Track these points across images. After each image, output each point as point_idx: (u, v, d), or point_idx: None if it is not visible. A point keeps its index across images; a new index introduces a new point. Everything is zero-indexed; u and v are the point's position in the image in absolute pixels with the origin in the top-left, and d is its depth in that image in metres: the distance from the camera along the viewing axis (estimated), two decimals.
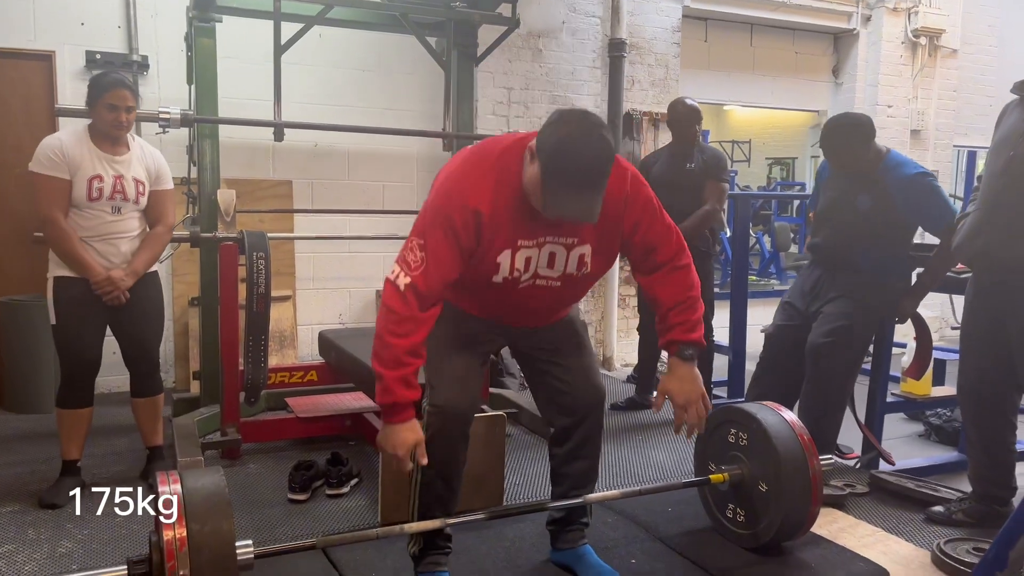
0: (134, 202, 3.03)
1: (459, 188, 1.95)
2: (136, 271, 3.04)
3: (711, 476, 2.56)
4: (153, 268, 3.20)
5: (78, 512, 2.87)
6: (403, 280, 1.91)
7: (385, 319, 1.93)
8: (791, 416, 2.55)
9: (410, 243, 1.95)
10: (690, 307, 2.12)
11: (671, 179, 4.10)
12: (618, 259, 3.21)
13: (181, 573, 1.71)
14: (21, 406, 4.20)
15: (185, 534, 1.75)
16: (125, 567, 1.83)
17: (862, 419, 3.50)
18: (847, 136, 3.10)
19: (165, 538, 1.74)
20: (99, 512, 2.87)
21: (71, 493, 2.98)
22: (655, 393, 2.22)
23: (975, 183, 2.97)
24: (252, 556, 1.89)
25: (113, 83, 2.99)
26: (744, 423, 2.55)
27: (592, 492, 2.40)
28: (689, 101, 4.29)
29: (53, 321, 3.00)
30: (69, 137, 2.99)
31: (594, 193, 1.86)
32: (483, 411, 3.04)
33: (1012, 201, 2.60)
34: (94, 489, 3.08)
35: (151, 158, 3.14)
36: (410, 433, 1.97)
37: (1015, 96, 2.72)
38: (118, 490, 3.06)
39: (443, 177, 2.05)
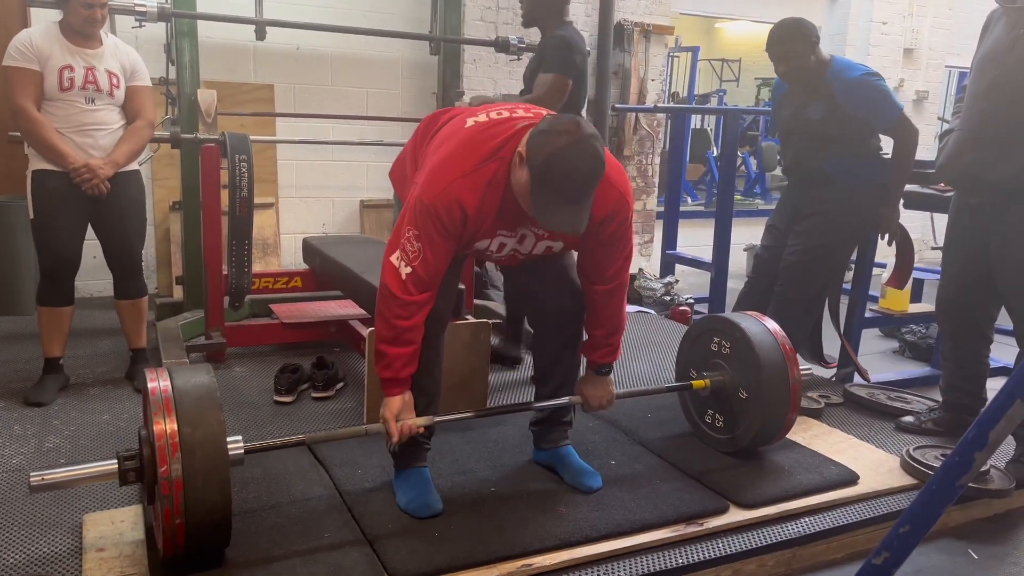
0: (108, 94, 2.97)
1: (449, 185, 1.97)
2: (116, 161, 2.97)
3: (693, 382, 2.61)
4: (135, 167, 3.13)
5: (64, 409, 2.90)
6: (405, 269, 2.00)
7: (388, 302, 2.02)
8: (773, 326, 2.59)
9: (406, 232, 2.01)
10: (618, 330, 2.32)
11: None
12: None
13: (174, 467, 1.74)
14: (1, 307, 4.17)
15: (176, 428, 1.77)
16: (115, 461, 1.86)
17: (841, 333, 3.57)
18: (789, 38, 3.07)
19: (156, 433, 1.76)
20: (85, 409, 2.91)
21: (56, 390, 3.01)
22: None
23: (959, 94, 2.95)
24: (242, 451, 1.92)
25: None
26: (727, 331, 2.59)
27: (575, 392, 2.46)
28: None
29: (31, 216, 2.95)
30: (40, 31, 2.94)
31: (583, 206, 1.90)
32: (467, 320, 3.06)
33: (996, 122, 2.58)
34: (80, 387, 3.12)
35: (125, 54, 3.06)
36: (404, 404, 2.09)
37: (998, 6, 2.65)
38: (103, 389, 3.14)
39: (435, 165, 2.03)
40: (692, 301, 4.98)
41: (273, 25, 3.69)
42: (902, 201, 3.56)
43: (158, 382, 1.85)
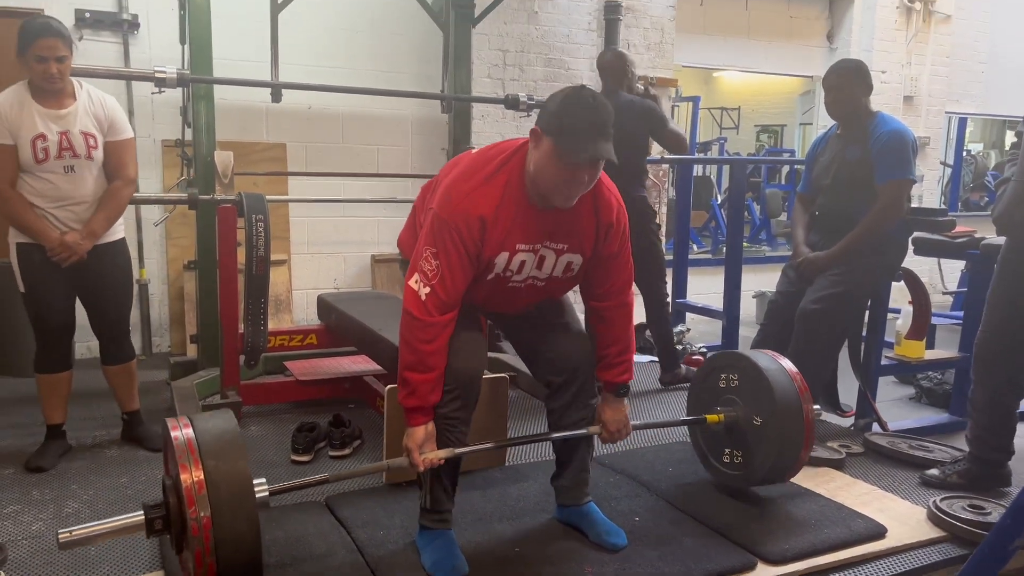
0: (87, 158, 2.84)
1: (464, 197, 2.05)
2: (93, 231, 2.88)
3: (707, 416, 2.59)
4: (120, 235, 3.05)
5: (82, 473, 2.88)
6: (424, 290, 2.03)
7: (410, 326, 2.05)
8: (782, 359, 2.60)
9: (424, 252, 2.05)
10: (628, 348, 2.34)
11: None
12: None
13: (201, 515, 1.71)
14: (10, 368, 4.15)
15: (202, 476, 1.74)
16: (142, 513, 1.83)
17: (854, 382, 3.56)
18: (846, 71, 3.24)
19: (183, 482, 1.73)
20: (103, 473, 2.89)
21: (58, 456, 2.98)
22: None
23: (1014, 140, 2.98)
24: (267, 494, 1.90)
25: (38, 30, 2.73)
26: (734, 364, 2.61)
27: (591, 446, 2.46)
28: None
29: (21, 289, 2.92)
30: (8, 97, 2.78)
31: (606, 138, 1.98)
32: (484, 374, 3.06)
33: None
34: (97, 449, 3.11)
35: (100, 106, 2.90)
36: (428, 435, 2.10)
37: None
38: (120, 451, 3.12)
39: (448, 183, 2.11)
40: (705, 350, 4.96)
41: (288, 88, 3.77)
42: (911, 248, 3.59)
43: (180, 430, 1.84)
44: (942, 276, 6.85)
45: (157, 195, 4.28)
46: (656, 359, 4.82)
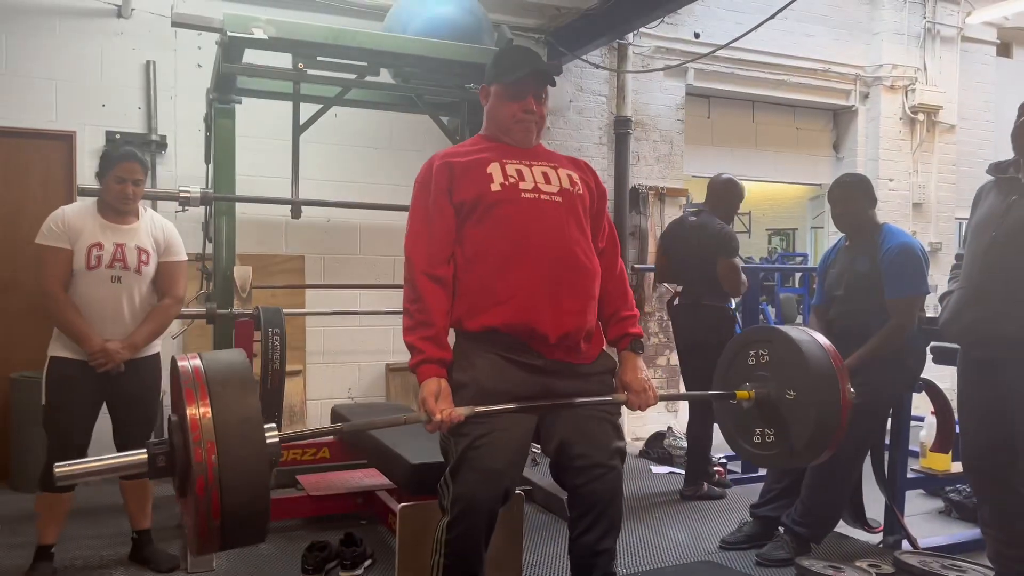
0: (135, 271, 2.97)
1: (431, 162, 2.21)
2: (134, 343, 2.96)
3: (737, 392, 2.36)
4: (155, 349, 3.11)
5: None
6: (413, 237, 2.13)
7: (406, 284, 2.10)
8: (814, 332, 2.42)
9: (410, 216, 2.19)
10: (631, 303, 2.34)
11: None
12: None
13: (205, 440, 1.59)
14: (29, 484, 4.12)
15: (209, 404, 1.62)
16: (144, 450, 1.72)
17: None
18: (851, 185, 3.32)
19: (189, 413, 1.62)
20: None
21: None
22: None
23: (955, 260, 3.02)
24: (277, 440, 1.75)
25: (122, 156, 3.00)
26: (763, 339, 2.42)
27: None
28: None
29: (43, 401, 2.95)
30: (74, 208, 3.01)
31: (541, 61, 2.25)
32: None
33: (995, 280, 2.64)
34: (104, 570, 3.04)
35: (160, 229, 3.09)
36: (442, 389, 2.03)
37: (991, 177, 2.79)
38: (127, 572, 3.05)
39: None
40: (724, 460, 4.86)
41: (308, 204, 3.87)
42: (930, 356, 3.55)
43: (188, 361, 1.73)
44: None
45: None
46: (675, 470, 4.73)
